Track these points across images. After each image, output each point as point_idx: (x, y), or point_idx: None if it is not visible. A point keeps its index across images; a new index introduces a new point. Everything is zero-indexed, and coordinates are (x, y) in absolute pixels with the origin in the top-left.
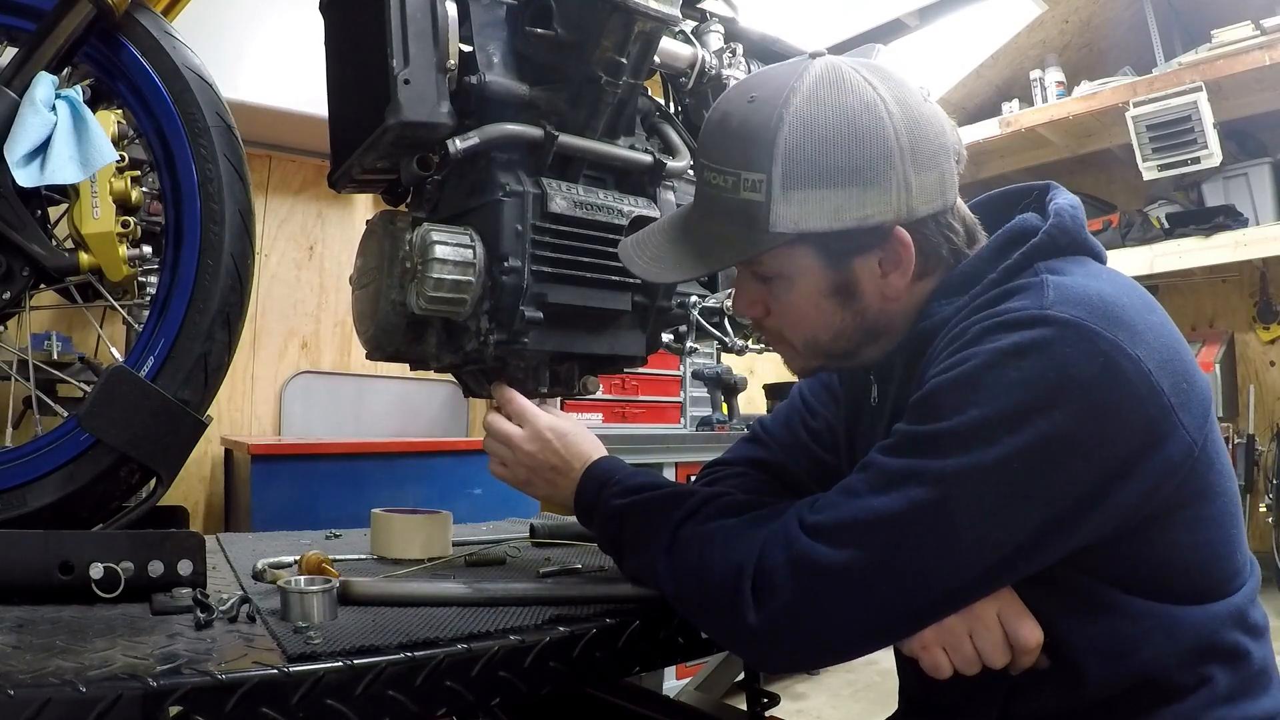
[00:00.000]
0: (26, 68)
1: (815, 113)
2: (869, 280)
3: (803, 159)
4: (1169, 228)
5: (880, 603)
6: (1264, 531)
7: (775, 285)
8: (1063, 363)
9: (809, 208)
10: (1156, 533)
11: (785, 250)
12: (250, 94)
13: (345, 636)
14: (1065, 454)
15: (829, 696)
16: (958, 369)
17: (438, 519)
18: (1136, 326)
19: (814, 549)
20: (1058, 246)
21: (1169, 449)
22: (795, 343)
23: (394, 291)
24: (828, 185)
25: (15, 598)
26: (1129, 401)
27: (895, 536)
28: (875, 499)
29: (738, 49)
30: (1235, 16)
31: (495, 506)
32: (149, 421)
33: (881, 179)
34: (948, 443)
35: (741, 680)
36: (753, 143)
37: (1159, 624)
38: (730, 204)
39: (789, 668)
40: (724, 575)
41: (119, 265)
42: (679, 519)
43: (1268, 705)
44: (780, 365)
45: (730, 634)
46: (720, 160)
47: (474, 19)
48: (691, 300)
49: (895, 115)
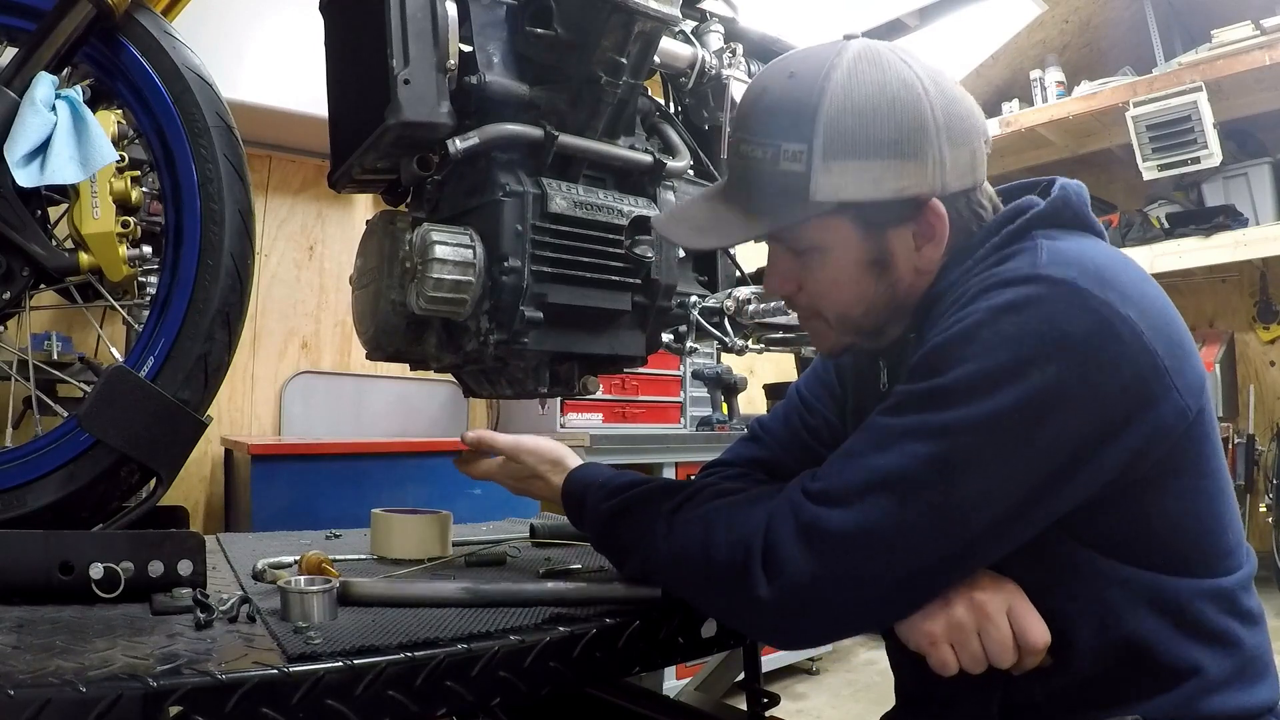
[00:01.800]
0: (26, 68)
1: (855, 87)
2: (903, 252)
3: (844, 130)
4: (1169, 228)
5: (891, 563)
6: (1264, 531)
7: (810, 259)
8: (1055, 318)
9: (848, 178)
10: (1150, 498)
11: (823, 221)
12: (250, 94)
13: (345, 636)
14: (1060, 406)
15: (829, 696)
16: (955, 327)
17: (438, 519)
18: (1128, 291)
19: (821, 514)
20: (1059, 219)
21: (1162, 410)
22: (828, 316)
23: (394, 291)
24: (867, 156)
25: (15, 598)
26: (1121, 358)
27: (900, 492)
28: (878, 457)
29: (738, 49)
30: (1235, 16)
31: (495, 506)
32: (149, 422)
33: (919, 152)
34: (947, 396)
35: (741, 680)
36: (794, 115)
37: (1146, 592)
38: (769, 176)
39: (805, 641)
40: (731, 552)
41: (119, 265)
42: (673, 506)
43: (1264, 695)
44: (780, 365)
45: (742, 612)
46: (759, 133)
47: (474, 19)
48: (691, 300)
49: (931, 92)
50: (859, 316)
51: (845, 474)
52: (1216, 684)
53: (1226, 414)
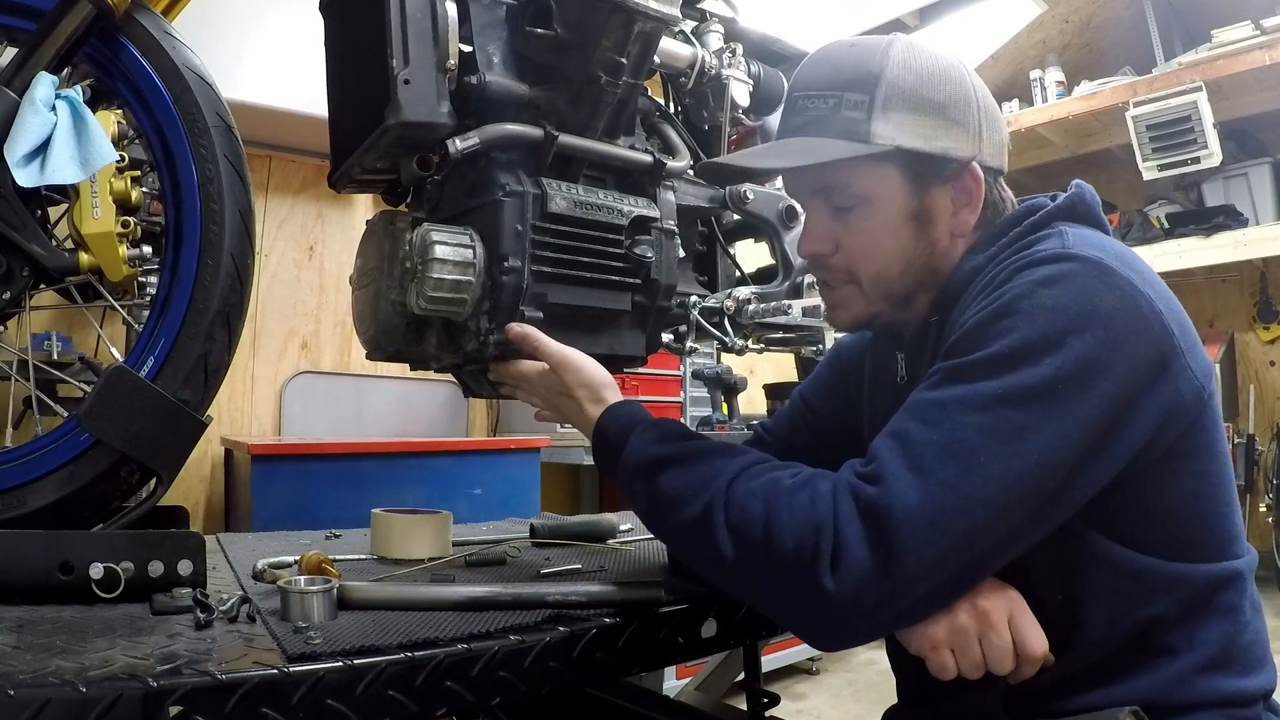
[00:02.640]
0: (26, 68)
1: (913, 57)
2: (942, 213)
3: (903, 87)
4: (1169, 228)
5: (955, 541)
6: (1264, 531)
7: (855, 213)
8: (1087, 291)
9: (905, 128)
10: (1165, 479)
11: (874, 168)
12: (250, 94)
13: (345, 636)
14: (1096, 374)
15: (829, 696)
16: (994, 304)
17: (438, 519)
18: (1145, 275)
19: (880, 494)
20: (1076, 213)
21: (1180, 385)
22: (864, 278)
23: (394, 291)
24: (922, 113)
25: (15, 598)
26: (1144, 333)
27: (962, 464)
28: (930, 432)
29: (738, 49)
30: (1235, 16)
31: (495, 506)
32: (149, 421)
33: (965, 119)
34: (994, 366)
35: (741, 680)
36: (858, 69)
37: (1159, 582)
38: (829, 121)
39: (867, 635)
40: (798, 535)
41: (119, 265)
42: (734, 471)
43: (1261, 681)
44: (780, 365)
45: (801, 602)
46: (822, 86)
47: (474, 19)
48: (691, 300)
49: (973, 76)
50: (896, 276)
51: (899, 453)
52: (1214, 662)
53: (1226, 414)
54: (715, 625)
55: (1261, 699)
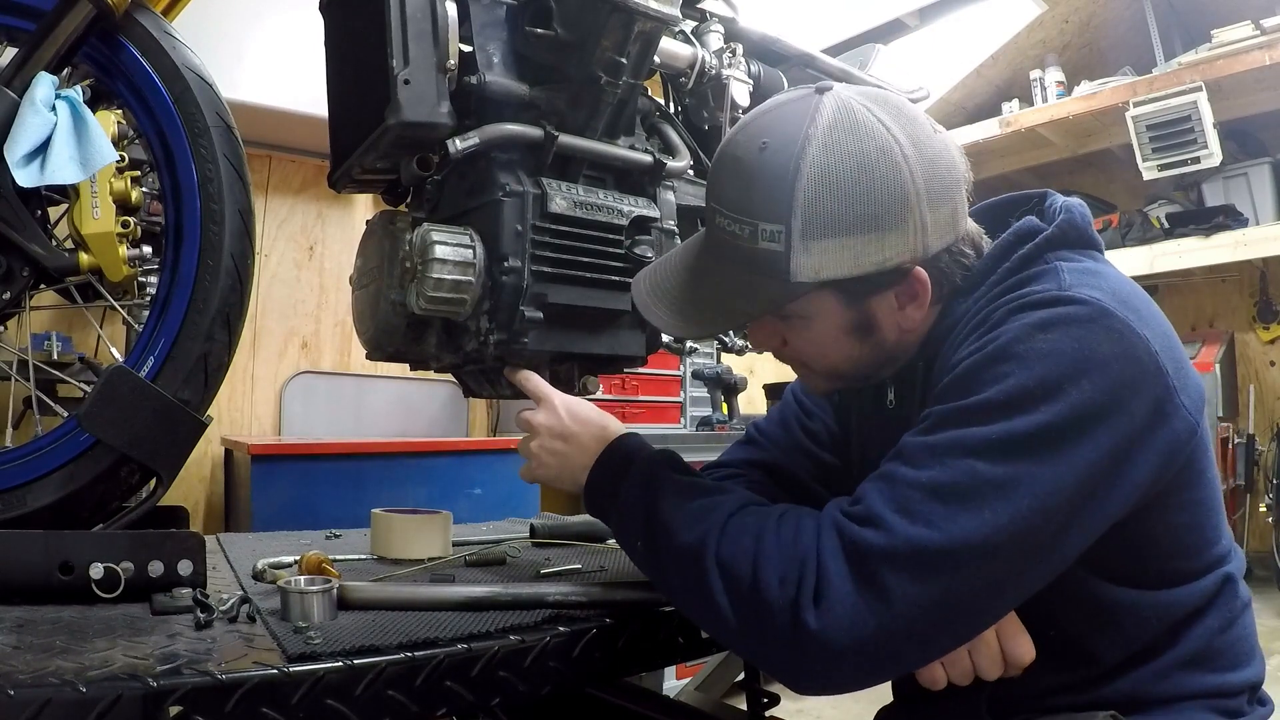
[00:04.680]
0: (26, 68)
1: (832, 162)
2: (886, 315)
3: (822, 210)
4: (1169, 228)
5: (943, 585)
6: (1264, 531)
7: (794, 323)
8: (1085, 337)
9: (829, 257)
10: (1158, 515)
11: (804, 296)
12: (250, 94)
13: (345, 636)
14: (1093, 423)
15: (829, 696)
16: (990, 346)
17: (438, 519)
18: (1142, 311)
19: (866, 535)
20: (1068, 240)
21: (1175, 426)
22: (817, 373)
23: (394, 291)
24: (847, 234)
25: (15, 598)
26: (1140, 378)
27: (946, 508)
28: (918, 474)
29: (738, 49)
30: (1235, 16)
31: (495, 506)
32: (149, 421)
33: (899, 223)
34: (988, 411)
35: (741, 680)
36: (769, 193)
37: (1155, 610)
38: (747, 253)
39: (853, 677)
40: (783, 573)
41: (119, 265)
42: (731, 509)
43: (1246, 675)
44: (780, 365)
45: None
46: (735, 209)
47: (474, 19)
48: None
49: (910, 157)
50: (848, 371)
51: (888, 494)
52: (1197, 658)
53: (1226, 414)
54: None
55: (1247, 691)
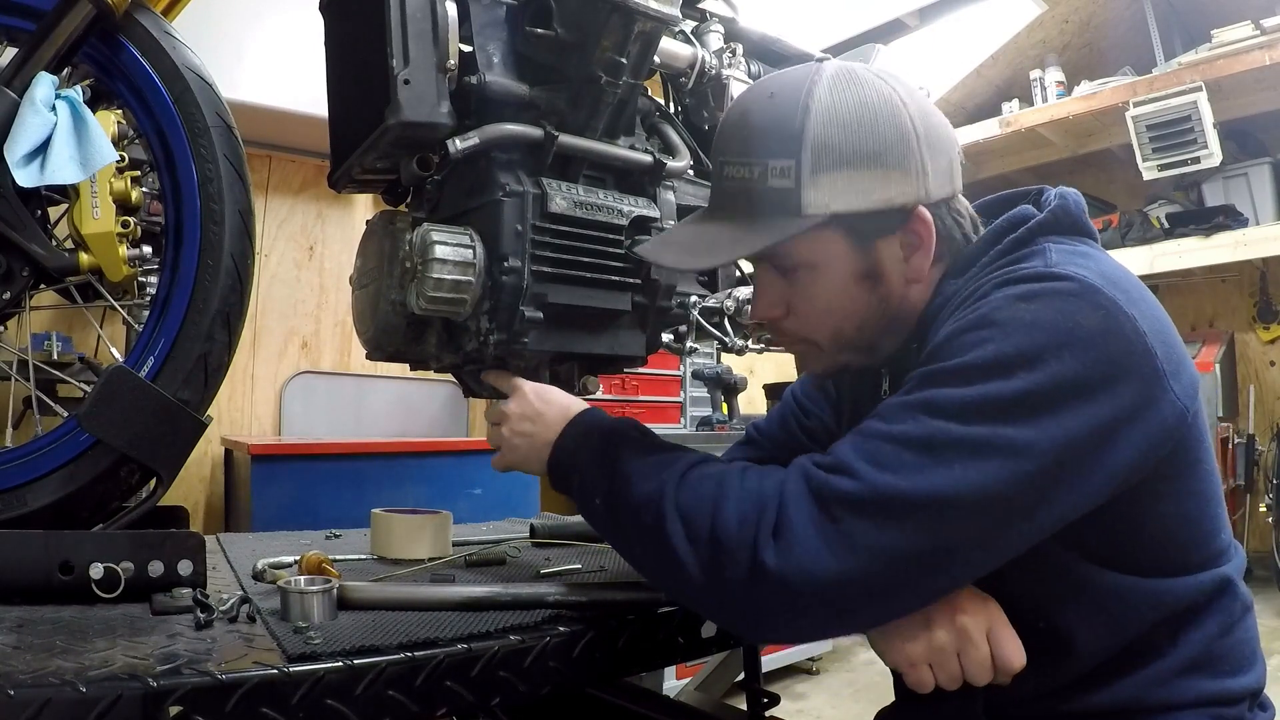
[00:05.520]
0: (26, 68)
1: (837, 102)
2: (892, 262)
3: (829, 144)
4: (1169, 228)
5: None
6: (1264, 531)
7: (800, 277)
8: (1069, 311)
9: (837, 190)
10: (1148, 503)
11: (813, 235)
12: (250, 94)
13: (345, 637)
14: (1074, 397)
15: (829, 696)
16: (970, 315)
17: (438, 519)
18: (1131, 293)
19: (832, 480)
20: (1060, 226)
21: (1164, 409)
22: (820, 339)
23: (394, 291)
24: (854, 168)
25: (15, 598)
26: (1127, 356)
27: (916, 461)
28: (890, 428)
29: (738, 49)
30: (1235, 16)
31: (495, 506)
32: (149, 421)
33: (902, 162)
34: (965, 374)
35: (741, 680)
36: (779, 132)
37: (1145, 599)
38: (757, 193)
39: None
40: (741, 510)
41: (119, 265)
42: (692, 461)
43: (1247, 681)
44: (780, 365)
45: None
46: (744, 153)
47: (474, 19)
48: (691, 300)
49: (909, 104)
50: (853, 332)
51: (859, 447)
52: (1198, 663)
53: (1226, 414)
54: (715, 625)
55: (1249, 697)
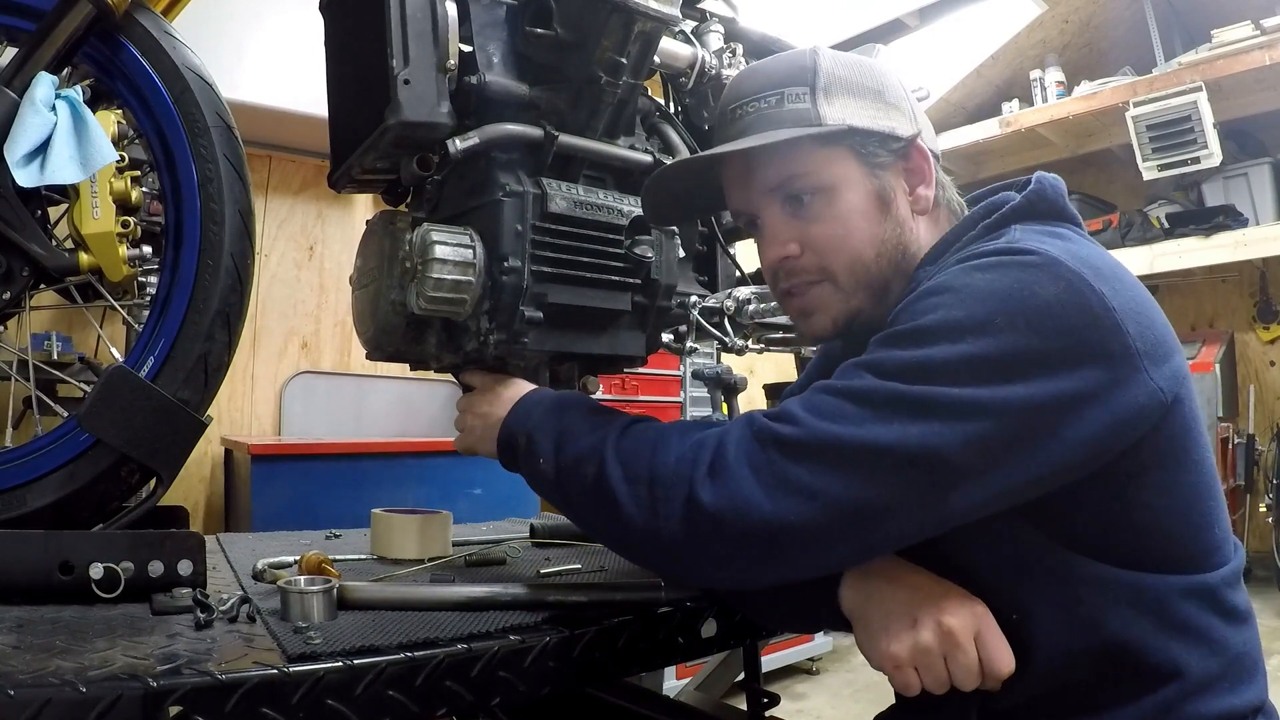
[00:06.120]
0: (26, 68)
1: (839, 57)
2: (899, 191)
3: (839, 76)
4: (1169, 228)
5: (843, 483)
6: (1264, 531)
7: (816, 204)
8: (1027, 280)
9: (850, 110)
10: (1131, 492)
11: (829, 155)
12: (250, 94)
13: (345, 637)
14: (1031, 366)
15: (829, 696)
16: (929, 283)
17: (438, 519)
18: (1102, 271)
19: (773, 425)
20: (1035, 212)
21: (1135, 390)
22: (838, 269)
23: (394, 291)
24: (862, 96)
25: (15, 598)
26: (1090, 330)
27: (860, 409)
28: (838, 382)
29: (738, 49)
30: (1235, 16)
31: (495, 506)
32: (149, 421)
33: (901, 102)
34: (913, 337)
35: (741, 680)
36: (793, 67)
37: (1126, 592)
38: (775, 115)
39: (741, 566)
40: (679, 452)
41: (119, 265)
42: (637, 418)
43: (1250, 696)
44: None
45: (677, 519)
46: (759, 88)
47: (474, 19)
48: (691, 300)
49: (897, 73)
50: (871, 259)
51: (803, 401)
52: (1202, 685)
53: (1226, 414)
54: (715, 625)
55: (1255, 712)
